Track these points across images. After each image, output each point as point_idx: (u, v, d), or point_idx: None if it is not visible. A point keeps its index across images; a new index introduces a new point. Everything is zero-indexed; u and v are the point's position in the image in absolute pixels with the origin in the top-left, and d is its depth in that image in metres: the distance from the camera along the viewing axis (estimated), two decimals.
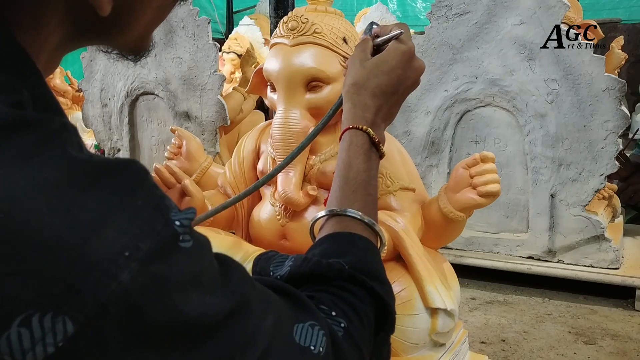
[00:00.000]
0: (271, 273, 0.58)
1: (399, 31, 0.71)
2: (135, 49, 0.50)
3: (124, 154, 2.75)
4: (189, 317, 0.35)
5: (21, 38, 0.39)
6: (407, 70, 0.70)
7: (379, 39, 0.74)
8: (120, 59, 0.51)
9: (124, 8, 0.44)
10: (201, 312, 0.36)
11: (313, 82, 1.06)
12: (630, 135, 3.03)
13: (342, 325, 0.50)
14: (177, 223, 0.36)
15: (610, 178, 2.05)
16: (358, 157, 0.66)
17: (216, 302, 0.38)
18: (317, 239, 0.62)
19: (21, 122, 0.33)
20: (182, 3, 0.51)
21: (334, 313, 0.50)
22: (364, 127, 0.67)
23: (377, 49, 0.73)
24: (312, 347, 0.45)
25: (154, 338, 0.34)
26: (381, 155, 0.69)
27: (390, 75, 0.69)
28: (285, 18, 1.10)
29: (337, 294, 0.52)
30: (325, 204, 0.71)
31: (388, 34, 0.73)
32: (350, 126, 0.68)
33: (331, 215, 0.63)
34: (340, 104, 0.75)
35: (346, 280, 0.53)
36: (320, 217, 0.64)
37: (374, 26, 0.77)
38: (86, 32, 0.45)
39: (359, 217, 0.61)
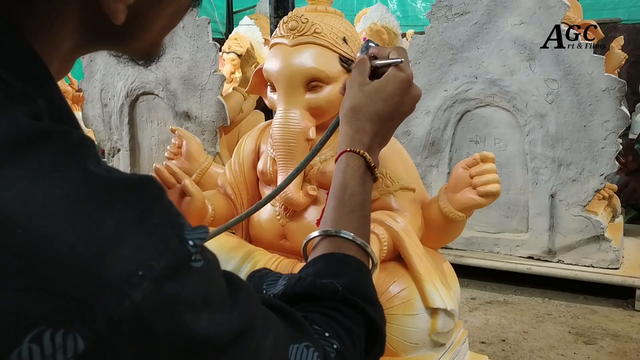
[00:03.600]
0: (264, 291, 0.58)
1: (399, 59, 0.72)
2: (146, 54, 0.50)
3: (124, 154, 2.75)
4: (198, 336, 0.35)
5: (35, 44, 0.39)
6: (404, 98, 0.72)
7: (378, 62, 0.74)
8: (130, 64, 0.51)
9: (138, 16, 0.43)
10: (210, 331, 0.36)
11: (313, 82, 1.06)
12: (631, 136, 3.04)
13: (335, 346, 0.50)
14: (191, 243, 0.36)
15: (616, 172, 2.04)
16: (354, 180, 0.67)
17: (225, 321, 0.38)
18: (310, 259, 0.63)
19: (40, 135, 0.33)
20: (194, 9, 0.51)
21: (327, 334, 0.51)
22: (361, 151, 0.69)
23: (374, 70, 0.74)
24: None
25: (164, 356, 0.34)
26: (375, 179, 0.70)
27: (388, 102, 0.71)
28: (285, 18, 1.10)
29: (330, 314, 0.53)
30: (318, 223, 0.72)
31: (386, 57, 0.74)
32: (348, 149, 0.69)
33: (325, 235, 0.64)
34: (336, 124, 0.76)
35: (339, 302, 0.54)
36: (314, 237, 0.65)
37: (371, 45, 0.77)
38: (99, 39, 0.45)
39: (352, 238, 0.63)
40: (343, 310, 0.54)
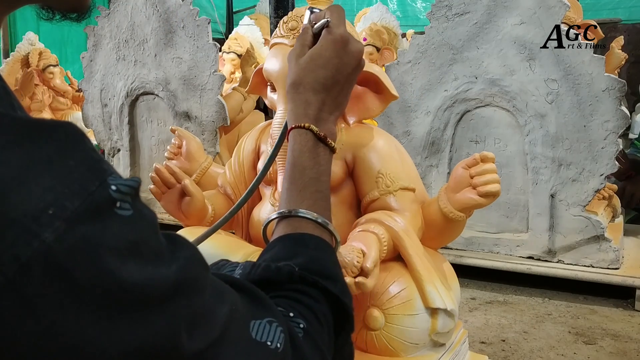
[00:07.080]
0: None
1: (326, 20, 0.69)
2: (75, 5, 0.47)
3: (124, 154, 2.75)
4: (128, 284, 0.34)
5: None
6: (343, 58, 0.68)
7: (315, 27, 0.71)
8: (63, 20, 0.48)
9: None
10: (142, 280, 0.35)
11: None
12: (631, 136, 3.03)
13: (302, 326, 0.49)
14: (114, 188, 0.34)
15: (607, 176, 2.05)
16: (302, 155, 0.65)
17: (159, 273, 0.36)
18: (268, 243, 0.61)
19: None
20: None
21: (291, 314, 0.49)
22: (306, 125, 0.66)
23: (317, 38, 0.71)
24: (269, 343, 0.44)
25: (90, 302, 0.32)
26: (332, 150, 0.68)
27: (327, 67, 0.67)
28: (285, 18, 1.10)
29: (292, 296, 0.51)
30: None
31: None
32: (293, 126, 0.67)
33: (281, 217, 0.62)
34: (286, 127, 0.73)
35: (298, 283, 0.52)
36: (271, 220, 0.63)
37: (315, 10, 0.74)
38: None
39: (308, 216, 0.61)
40: (304, 291, 0.52)
